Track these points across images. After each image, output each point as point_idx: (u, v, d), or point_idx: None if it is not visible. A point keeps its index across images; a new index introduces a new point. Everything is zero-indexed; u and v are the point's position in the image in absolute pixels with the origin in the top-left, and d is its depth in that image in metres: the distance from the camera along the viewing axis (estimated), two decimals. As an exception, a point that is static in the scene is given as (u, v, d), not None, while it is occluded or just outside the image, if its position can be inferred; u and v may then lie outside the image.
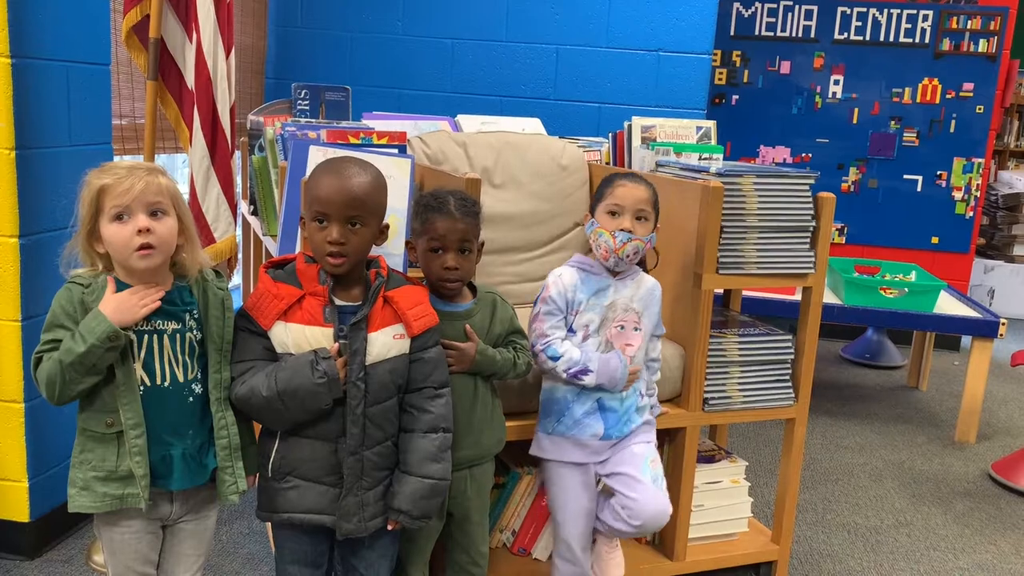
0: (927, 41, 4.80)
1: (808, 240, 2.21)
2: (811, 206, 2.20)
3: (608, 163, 2.81)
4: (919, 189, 4.95)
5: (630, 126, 2.74)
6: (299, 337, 1.56)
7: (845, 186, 4.98)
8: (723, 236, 2.13)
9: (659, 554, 2.32)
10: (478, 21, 4.17)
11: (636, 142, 2.72)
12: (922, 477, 3.29)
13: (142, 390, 1.48)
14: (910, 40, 4.81)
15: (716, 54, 4.86)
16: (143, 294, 1.47)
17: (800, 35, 4.87)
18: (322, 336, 1.57)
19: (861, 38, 4.83)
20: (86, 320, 1.43)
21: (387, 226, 1.65)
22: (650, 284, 2.02)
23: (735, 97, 4.97)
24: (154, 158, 2.50)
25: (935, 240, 4.98)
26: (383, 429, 1.63)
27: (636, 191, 1.93)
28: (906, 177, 4.95)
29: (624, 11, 4.13)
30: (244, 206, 3.21)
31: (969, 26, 4.77)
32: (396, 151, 2.17)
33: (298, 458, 1.60)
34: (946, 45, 4.80)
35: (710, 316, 2.18)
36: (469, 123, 2.82)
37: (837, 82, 4.89)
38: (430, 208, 1.76)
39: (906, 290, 3.66)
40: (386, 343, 1.60)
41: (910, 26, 4.79)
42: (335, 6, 4.23)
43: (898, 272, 4.05)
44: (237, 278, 3.69)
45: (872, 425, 3.83)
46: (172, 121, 2.66)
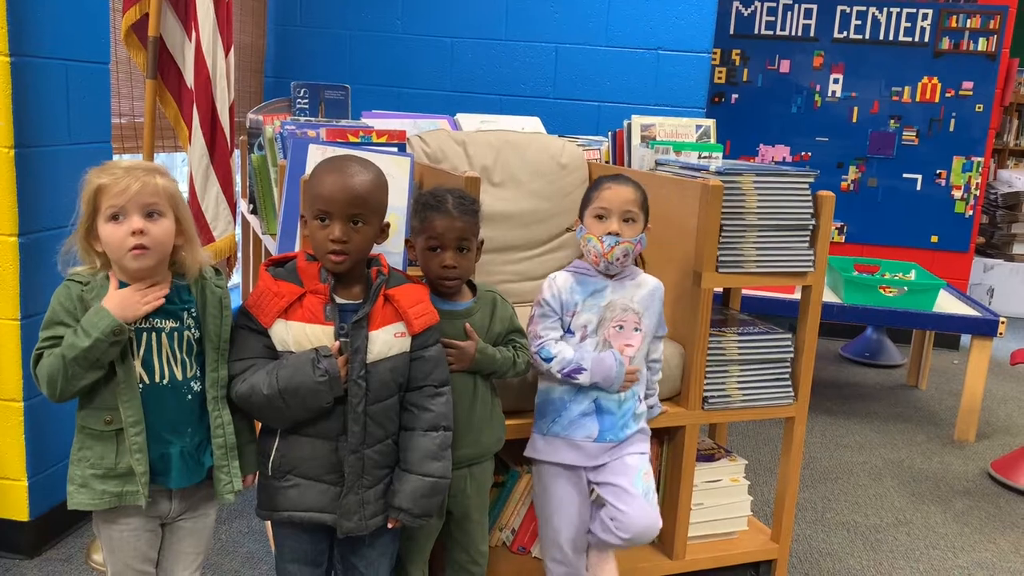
0: (927, 40, 4.80)
1: (808, 239, 2.21)
2: (811, 205, 2.20)
3: (608, 162, 2.81)
4: (919, 188, 4.95)
5: (629, 125, 2.74)
6: (300, 335, 1.56)
7: (845, 185, 4.98)
8: (723, 235, 2.12)
9: (659, 552, 2.32)
10: (477, 20, 4.17)
11: (635, 141, 2.72)
12: (921, 476, 3.29)
13: (141, 388, 1.48)
14: (909, 39, 4.81)
15: (716, 53, 4.86)
16: (146, 291, 1.48)
17: (800, 34, 4.87)
18: (323, 334, 1.57)
19: (861, 37, 4.83)
20: (88, 315, 1.43)
21: (388, 225, 1.65)
22: (652, 285, 2.01)
23: (735, 96, 4.97)
24: (153, 157, 2.49)
25: (934, 239, 4.98)
26: (384, 427, 1.63)
27: (622, 192, 1.91)
28: (906, 176, 4.95)
29: (623, 10, 4.12)
30: (243, 204, 3.21)
31: (968, 25, 4.77)
32: (395, 150, 2.17)
33: (298, 456, 1.60)
34: (945, 44, 4.80)
35: (709, 315, 2.18)
36: (468, 122, 2.82)
37: (836, 81, 4.89)
38: (428, 207, 1.76)
39: (905, 289, 3.66)
40: (387, 341, 1.60)
41: (909, 25, 4.79)
42: (334, 5, 4.23)
43: (897, 271, 4.05)
44: (236, 276, 3.69)
45: (871, 424, 3.83)
46: (171, 120, 2.66)
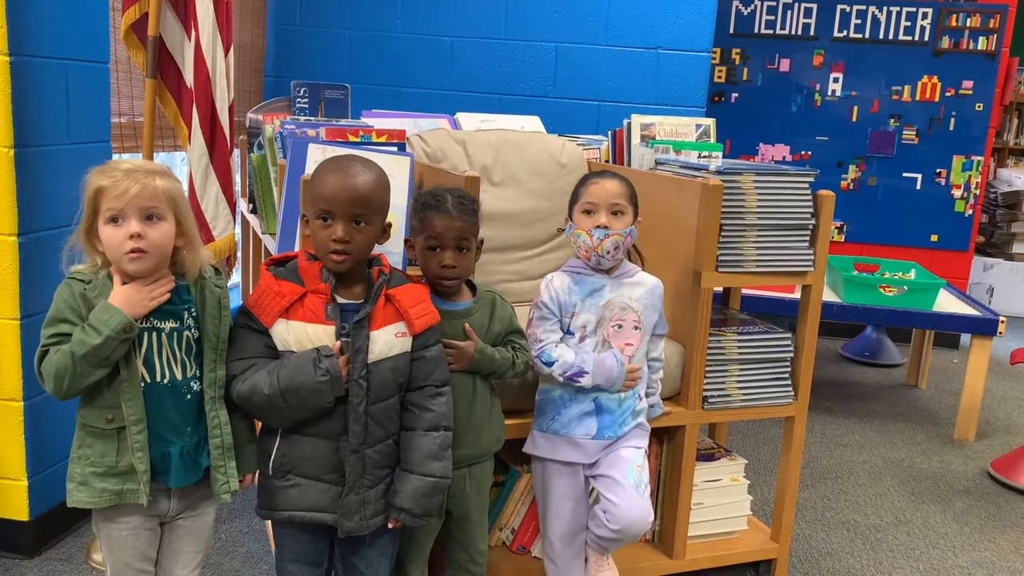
0: (926, 39, 4.80)
1: (808, 238, 2.21)
2: (810, 204, 2.20)
3: (607, 161, 2.81)
4: (918, 187, 4.95)
5: (629, 124, 2.74)
6: (301, 335, 1.56)
7: (844, 184, 4.98)
8: (722, 234, 2.12)
9: (659, 552, 2.32)
10: (477, 19, 4.17)
11: (635, 140, 2.72)
12: (921, 475, 3.29)
13: (142, 387, 1.48)
14: (909, 38, 4.81)
15: (715, 52, 4.86)
16: (152, 286, 1.48)
17: (799, 33, 4.86)
18: (324, 334, 1.57)
19: (860, 36, 4.83)
20: (97, 313, 1.43)
21: (390, 224, 1.65)
22: (651, 284, 2.01)
23: (734, 95, 4.97)
24: (153, 156, 2.49)
25: (934, 238, 4.98)
26: (384, 427, 1.63)
27: (608, 186, 1.92)
28: (905, 175, 4.95)
29: (623, 9, 4.12)
30: (243, 204, 3.20)
31: (968, 24, 4.77)
32: (395, 149, 2.17)
33: (299, 456, 1.60)
34: (945, 43, 4.80)
35: (709, 314, 2.18)
36: (468, 121, 2.82)
37: (836, 80, 4.89)
38: (428, 206, 1.76)
39: (905, 288, 3.66)
40: (388, 341, 1.60)
41: (909, 24, 4.79)
42: (334, 4, 4.22)
43: (897, 270, 4.05)
44: (236, 276, 3.69)
45: (871, 423, 3.83)
46: (171, 119, 2.66)
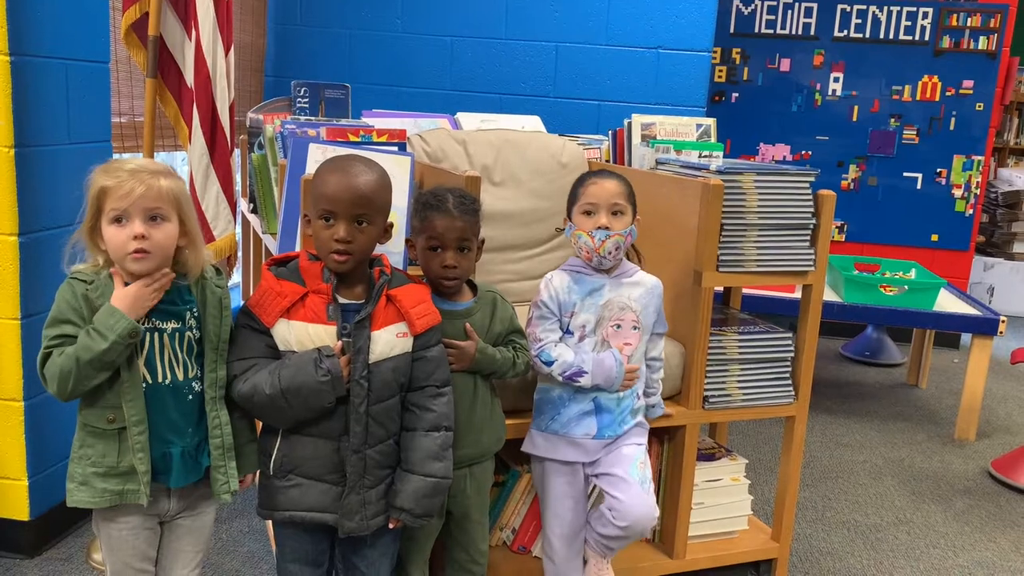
0: (927, 38, 4.80)
1: (808, 238, 2.21)
2: (811, 204, 2.20)
3: (608, 160, 2.81)
4: (919, 187, 4.95)
5: (630, 124, 2.74)
6: (302, 335, 1.56)
7: (845, 184, 4.98)
8: (723, 234, 2.12)
9: (659, 552, 2.32)
10: (477, 18, 4.17)
11: (636, 140, 2.72)
12: (922, 475, 3.29)
13: (144, 387, 1.48)
14: (910, 37, 4.81)
15: (716, 51, 4.86)
16: (150, 280, 1.47)
17: (800, 32, 4.86)
18: (325, 334, 1.57)
19: (861, 35, 4.83)
20: (102, 317, 1.43)
21: (391, 224, 1.65)
22: (650, 283, 2.01)
23: (735, 95, 4.97)
24: (153, 156, 2.49)
25: (935, 238, 4.98)
26: (385, 427, 1.63)
27: (608, 186, 1.92)
28: (906, 175, 4.95)
29: (624, 8, 4.12)
30: (243, 204, 3.20)
31: (969, 23, 4.76)
32: (396, 149, 2.17)
33: (300, 456, 1.60)
34: (946, 42, 4.80)
35: (710, 314, 2.18)
36: (469, 121, 2.82)
37: (837, 79, 4.89)
38: (429, 206, 1.75)
39: (906, 288, 3.66)
40: (389, 341, 1.60)
41: (910, 23, 4.79)
42: (334, 4, 4.22)
43: (898, 270, 4.05)
44: (237, 276, 3.69)
45: (872, 423, 3.83)
46: (171, 119, 2.66)
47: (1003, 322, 3.51)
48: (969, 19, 4.76)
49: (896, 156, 4.93)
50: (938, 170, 4.93)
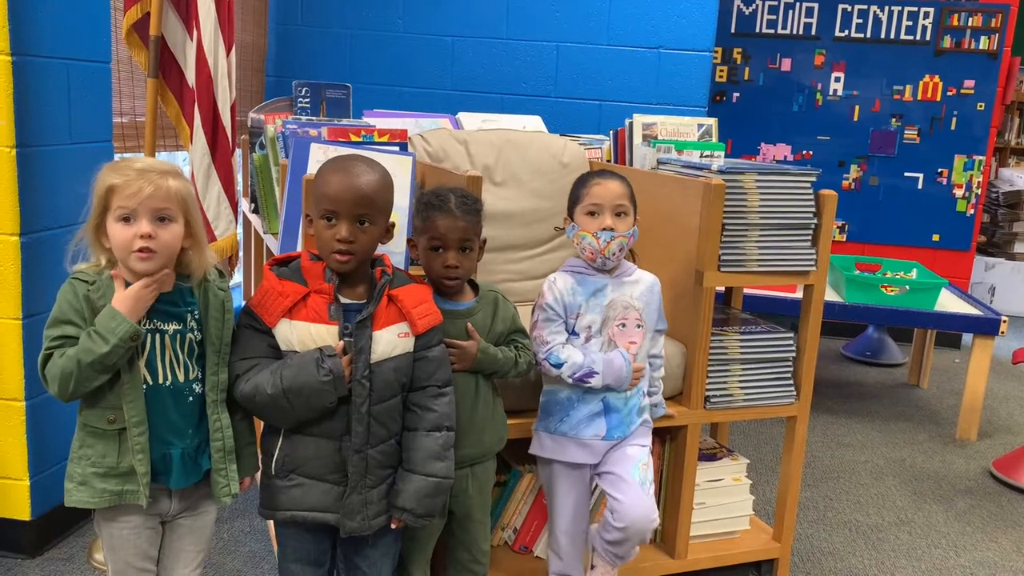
0: (928, 38, 4.80)
1: (809, 238, 2.21)
2: (812, 204, 2.20)
3: (609, 160, 2.81)
4: (920, 187, 4.95)
5: (631, 123, 2.73)
6: (304, 335, 1.56)
7: (846, 184, 4.98)
8: (724, 234, 2.12)
9: (661, 552, 2.32)
10: (478, 18, 4.17)
11: (637, 140, 2.72)
12: (923, 475, 3.29)
13: (144, 389, 1.48)
14: (911, 37, 4.81)
15: (717, 51, 4.86)
16: (150, 280, 1.46)
17: (801, 32, 4.86)
18: (327, 334, 1.57)
19: (862, 35, 4.82)
20: (103, 320, 1.42)
21: (393, 224, 1.65)
22: (650, 281, 2.01)
23: (736, 94, 4.97)
24: (155, 156, 2.49)
25: (936, 238, 4.98)
26: (387, 427, 1.63)
27: (612, 187, 1.92)
28: (907, 175, 4.95)
29: (625, 8, 4.12)
30: (245, 204, 3.20)
31: (970, 23, 4.76)
32: (397, 149, 2.17)
33: (302, 456, 1.60)
34: (947, 42, 4.79)
35: (711, 314, 2.18)
36: (470, 121, 2.82)
37: (838, 79, 4.89)
38: (431, 206, 1.75)
39: (907, 288, 3.66)
40: (391, 341, 1.60)
41: (911, 23, 4.79)
42: (335, 3, 4.23)
43: (899, 270, 4.05)
44: (238, 276, 3.69)
45: (873, 423, 3.83)
46: (173, 119, 2.66)
47: (1004, 322, 3.51)
48: (970, 19, 4.75)
49: (897, 156, 4.93)
50: (939, 170, 4.92)
